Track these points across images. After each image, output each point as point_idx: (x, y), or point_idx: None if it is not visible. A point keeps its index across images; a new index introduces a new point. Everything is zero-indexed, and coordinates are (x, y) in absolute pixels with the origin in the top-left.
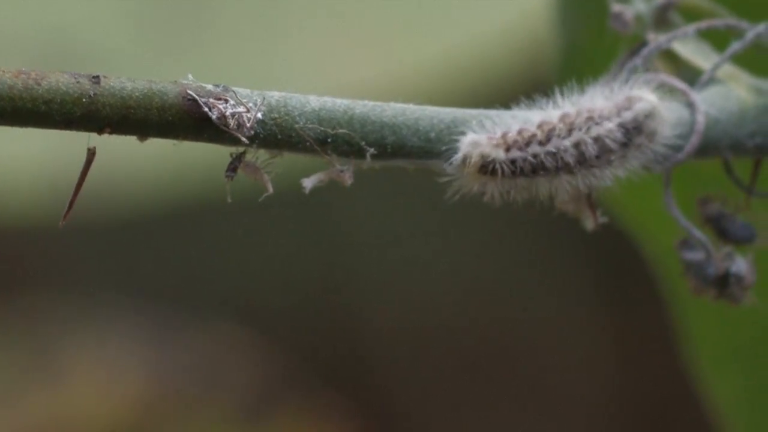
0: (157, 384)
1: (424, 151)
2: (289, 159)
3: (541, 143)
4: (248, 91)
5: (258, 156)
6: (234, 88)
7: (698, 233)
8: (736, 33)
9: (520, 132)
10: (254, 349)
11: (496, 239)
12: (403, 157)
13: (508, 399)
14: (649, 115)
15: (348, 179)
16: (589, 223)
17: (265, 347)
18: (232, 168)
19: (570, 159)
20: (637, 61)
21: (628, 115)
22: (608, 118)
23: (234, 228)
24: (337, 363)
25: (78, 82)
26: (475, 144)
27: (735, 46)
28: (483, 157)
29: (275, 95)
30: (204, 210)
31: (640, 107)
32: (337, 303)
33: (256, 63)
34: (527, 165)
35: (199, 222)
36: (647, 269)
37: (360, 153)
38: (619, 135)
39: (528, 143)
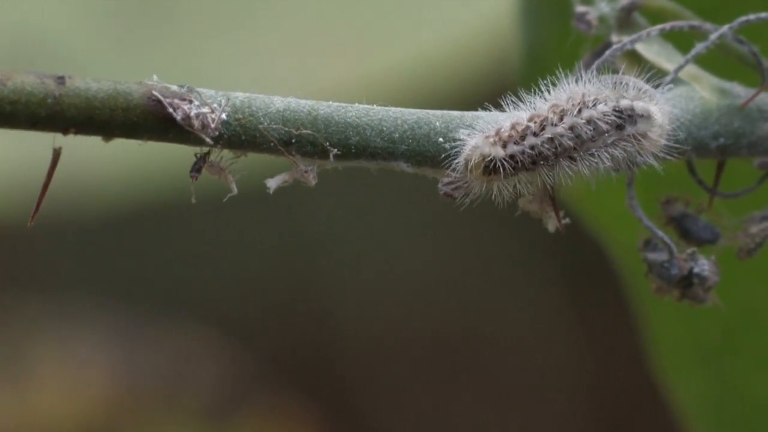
0: (125, 384)
1: (388, 151)
2: (260, 159)
3: (535, 134)
4: (213, 91)
5: (222, 156)
6: (198, 89)
7: (661, 234)
8: (700, 34)
9: (513, 127)
10: (222, 350)
11: (466, 240)
12: (367, 158)
13: (477, 401)
14: (646, 115)
15: (312, 179)
16: (551, 224)
17: (233, 348)
18: (197, 168)
19: (569, 142)
20: (601, 62)
21: (624, 102)
22: (604, 102)
23: (203, 228)
24: (305, 364)
25: (43, 83)
26: (474, 147)
27: (698, 47)
28: (483, 157)
29: (239, 96)
30: (173, 210)
31: (638, 104)
32: (305, 304)
33: (223, 64)
34: (526, 158)
35: (167, 222)
36: (615, 271)
37: (324, 153)
38: (613, 117)
39: (523, 136)
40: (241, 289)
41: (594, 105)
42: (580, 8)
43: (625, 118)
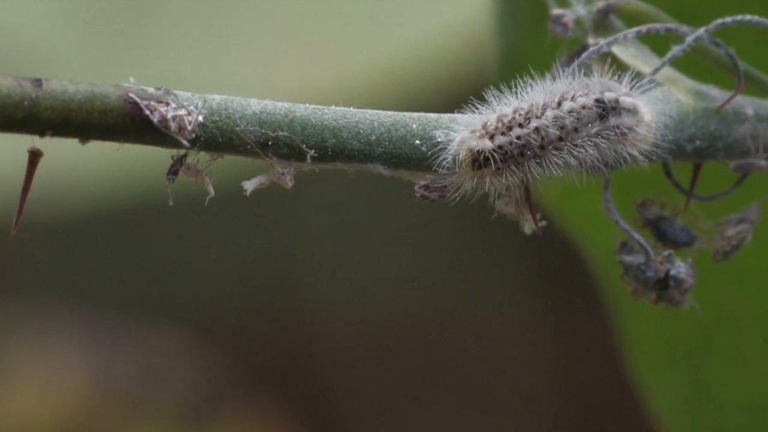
0: (99, 386)
1: (364, 154)
2: (237, 161)
3: (521, 125)
4: (189, 94)
5: (199, 158)
6: (175, 91)
7: (637, 236)
8: (676, 37)
9: (498, 119)
10: (197, 352)
11: (445, 243)
12: (343, 160)
13: (453, 405)
14: (632, 110)
15: (289, 182)
16: (528, 227)
17: (209, 350)
18: (174, 171)
19: (554, 131)
20: (578, 64)
21: (609, 95)
22: (585, 95)
23: (180, 230)
24: (282, 366)
25: (20, 85)
26: (461, 142)
27: (675, 50)
28: (471, 150)
29: (216, 98)
30: (150, 212)
31: (625, 98)
32: (282, 306)
33: (200, 66)
34: (514, 148)
35: (144, 224)
36: (591, 273)
37: (301, 156)
38: (594, 108)
39: (509, 127)
40: (217, 291)
41: (574, 98)
42: (556, 11)
43: (607, 110)
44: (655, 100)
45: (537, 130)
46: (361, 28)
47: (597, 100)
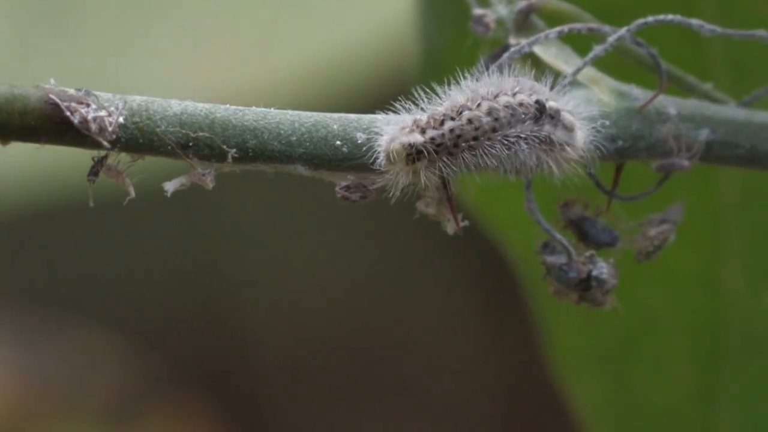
0: (26, 386)
1: (285, 155)
2: (161, 161)
3: (453, 119)
4: (110, 95)
5: (120, 159)
6: (96, 92)
7: (560, 236)
8: (598, 37)
9: (431, 116)
10: (125, 352)
11: (375, 245)
12: (264, 161)
13: (385, 409)
14: (570, 128)
15: (210, 183)
16: (450, 227)
17: (136, 350)
18: (94, 171)
19: (488, 121)
20: (499, 64)
21: (552, 104)
22: (526, 94)
23: (107, 229)
24: (209, 367)
25: None
26: (390, 139)
27: (597, 49)
28: (403, 146)
29: (137, 99)
30: (76, 211)
31: (566, 115)
32: (210, 306)
33: (124, 67)
34: (448, 139)
35: (70, 223)
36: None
37: (221, 156)
38: (532, 108)
39: (441, 122)
40: (146, 291)
41: (514, 94)
42: (477, 11)
43: (544, 113)
44: (576, 100)
45: (470, 120)
46: (285, 29)
47: (537, 101)
